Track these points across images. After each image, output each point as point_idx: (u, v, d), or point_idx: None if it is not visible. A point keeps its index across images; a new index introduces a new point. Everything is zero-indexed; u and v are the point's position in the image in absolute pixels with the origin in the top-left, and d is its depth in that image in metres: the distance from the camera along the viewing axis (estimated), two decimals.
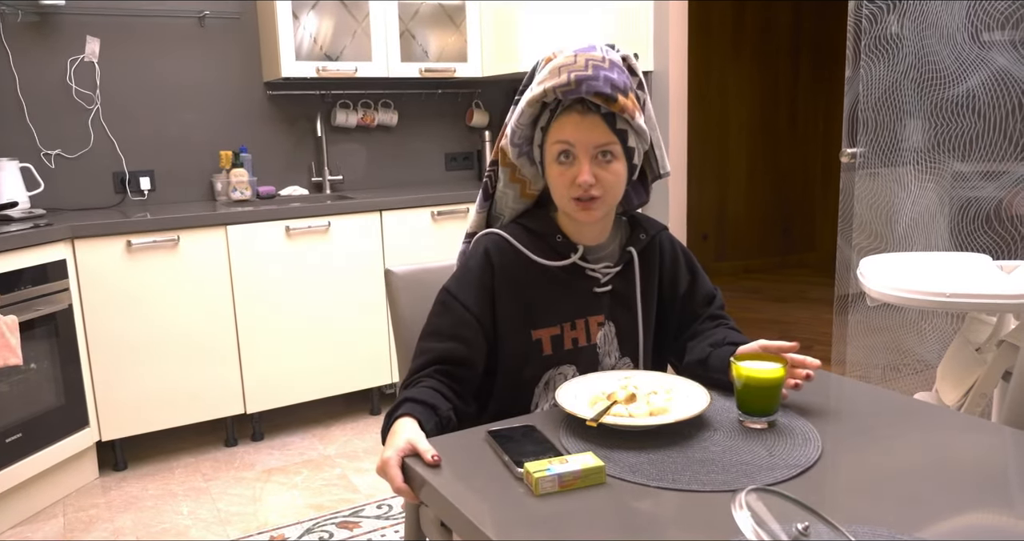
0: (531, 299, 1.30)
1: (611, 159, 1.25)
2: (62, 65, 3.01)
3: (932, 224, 2.74)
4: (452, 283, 1.30)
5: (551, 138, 1.26)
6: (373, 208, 3.05)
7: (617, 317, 1.34)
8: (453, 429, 1.19)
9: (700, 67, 5.60)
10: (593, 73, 1.21)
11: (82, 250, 2.58)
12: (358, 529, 2.32)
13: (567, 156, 1.25)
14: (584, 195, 1.24)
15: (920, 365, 2.90)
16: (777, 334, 4.34)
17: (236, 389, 2.89)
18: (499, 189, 1.36)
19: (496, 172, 1.36)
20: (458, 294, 1.28)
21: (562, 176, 1.26)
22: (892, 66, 2.75)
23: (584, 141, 1.23)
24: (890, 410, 1.20)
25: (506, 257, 1.30)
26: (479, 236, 1.34)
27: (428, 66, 3.36)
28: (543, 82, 1.24)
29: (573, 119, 1.24)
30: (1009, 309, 1.80)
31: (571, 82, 1.21)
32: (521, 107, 1.28)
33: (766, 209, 6.20)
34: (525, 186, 1.35)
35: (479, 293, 1.28)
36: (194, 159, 3.29)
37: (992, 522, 0.88)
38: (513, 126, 1.30)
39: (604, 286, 1.33)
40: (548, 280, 1.30)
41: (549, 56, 1.28)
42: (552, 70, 1.24)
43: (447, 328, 1.27)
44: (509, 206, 1.37)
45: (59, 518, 2.46)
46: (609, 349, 1.34)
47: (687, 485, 0.96)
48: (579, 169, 1.23)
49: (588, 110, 1.23)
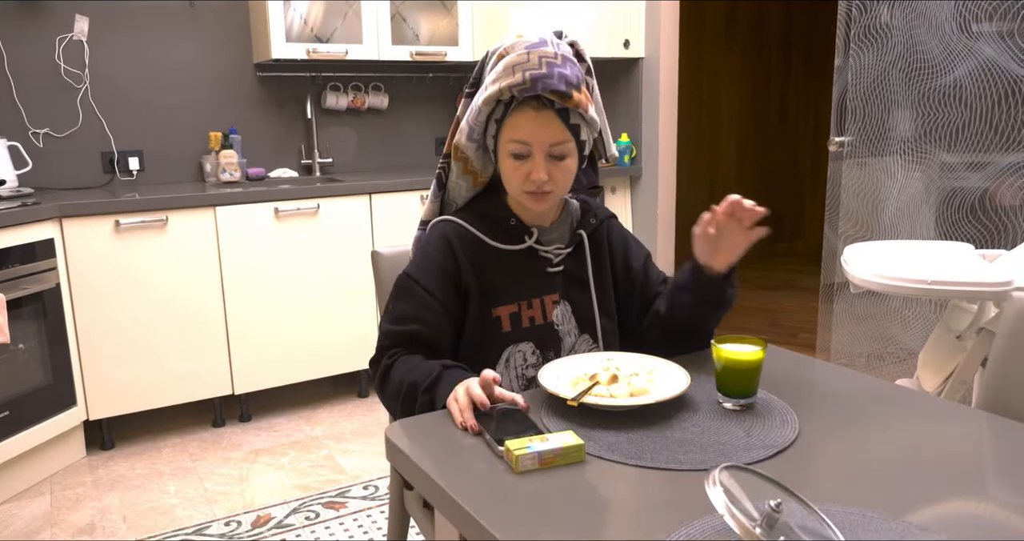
0: (489, 280, 1.33)
1: (564, 156, 1.28)
2: (51, 43, 2.99)
3: (918, 213, 2.77)
4: (412, 268, 1.33)
5: (506, 135, 1.28)
6: (362, 191, 3.05)
7: (572, 296, 1.38)
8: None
9: (692, 57, 5.60)
10: (548, 71, 1.22)
11: (70, 229, 2.58)
12: (344, 509, 2.33)
13: (522, 154, 1.27)
14: (537, 190, 1.28)
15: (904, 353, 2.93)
16: (764, 322, 4.38)
17: (224, 370, 2.90)
18: (452, 180, 1.39)
19: (449, 164, 1.39)
20: (419, 278, 1.31)
21: (516, 171, 1.29)
22: (881, 55, 2.76)
23: (540, 140, 1.26)
24: (869, 395, 1.22)
25: (464, 242, 1.33)
26: (435, 222, 1.37)
27: (419, 49, 3.36)
28: (497, 80, 1.25)
29: (528, 115, 1.25)
30: (988, 297, 1.82)
31: (526, 81, 1.22)
32: (477, 105, 1.28)
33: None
34: (476, 176, 1.39)
35: (440, 277, 1.31)
36: (183, 140, 3.28)
37: (964, 504, 0.90)
38: (471, 123, 1.31)
39: (556, 266, 1.37)
40: (503, 262, 1.34)
41: (501, 51, 1.29)
42: (506, 68, 1.25)
43: (411, 311, 1.30)
44: (462, 195, 1.41)
45: (46, 496, 2.47)
46: (568, 328, 1.38)
47: (664, 464, 0.98)
48: (534, 166, 1.27)
49: (543, 106, 1.25)
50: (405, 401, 1.23)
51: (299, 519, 2.28)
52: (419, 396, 1.21)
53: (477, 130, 1.31)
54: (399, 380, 1.25)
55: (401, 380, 1.24)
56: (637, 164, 3.73)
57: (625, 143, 3.68)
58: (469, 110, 1.32)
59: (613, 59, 3.61)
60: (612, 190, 3.73)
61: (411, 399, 1.22)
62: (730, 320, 4.43)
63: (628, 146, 3.68)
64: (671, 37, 3.59)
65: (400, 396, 1.23)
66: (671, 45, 3.59)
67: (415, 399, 1.21)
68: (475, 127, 1.31)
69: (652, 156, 3.67)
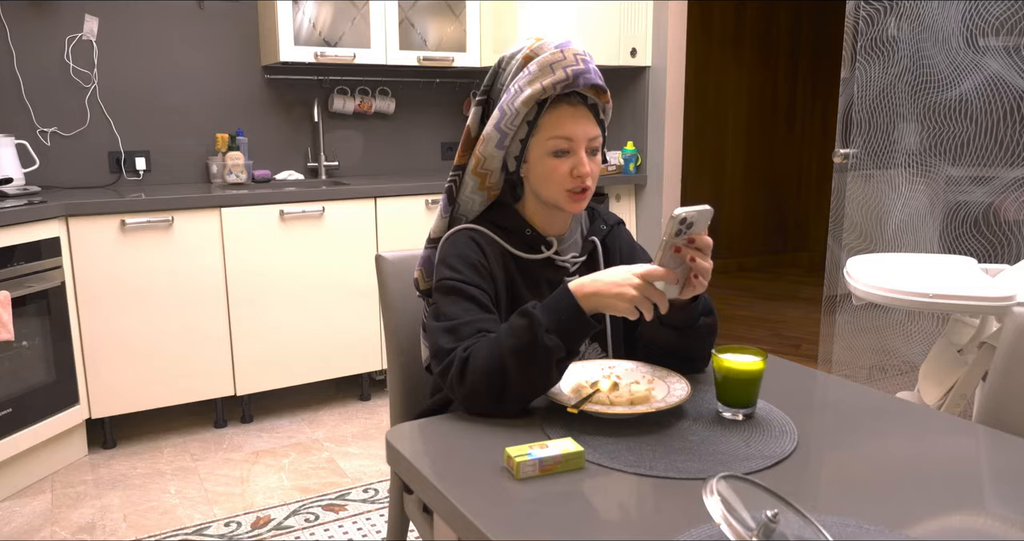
0: (512, 288, 1.33)
1: (597, 151, 1.32)
2: (60, 43, 3.01)
3: (922, 226, 2.77)
4: (450, 272, 1.27)
5: (546, 133, 1.28)
6: (368, 195, 3.06)
7: None
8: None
9: (699, 66, 5.62)
10: (585, 67, 1.25)
11: (76, 228, 2.59)
12: (343, 512, 2.34)
13: (565, 150, 1.28)
14: (580, 186, 1.29)
15: (906, 366, 2.93)
16: (767, 332, 4.38)
17: (226, 371, 2.91)
18: (465, 195, 1.36)
19: (460, 177, 1.36)
20: (463, 277, 1.26)
21: (557, 169, 1.28)
22: (887, 68, 2.77)
23: (581, 135, 1.28)
24: (868, 407, 1.23)
25: (492, 247, 1.32)
26: (457, 231, 1.33)
27: (427, 55, 3.37)
28: (536, 80, 1.25)
29: (568, 112, 1.27)
30: (990, 311, 1.82)
31: (569, 77, 1.24)
32: (515, 107, 1.26)
33: (761, 208, 6.23)
34: (490, 190, 1.37)
35: (480, 273, 1.28)
36: (190, 141, 3.30)
37: (961, 517, 0.90)
38: (503, 128, 1.28)
39: (572, 275, 1.37)
40: (523, 271, 1.34)
41: (526, 53, 1.29)
42: (542, 68, 1.25)
43: (464, 308, 1.23)
44: (474, 210, 1.38)
45: (47, 494, 2.47)
46: None
47: (663, 472, 0.98)
48: (577, 161, 1.28)
49: (577, 103, 1.27)
50: (526, 365, 1.10)
51: (299, 521, 2.28)
52: (540, 333, 1.09)
53: (510, 134, 1.29)
54: (490, 354, 1.12)
55: (493, 350, 1.12)
56: (642, 172, 3.73)
57: (631, 151, 3.69)
58: (499, 116, 1.28)
59: (620, 67, 3.63)
60: (617, 198, 3.74)
61: (533, 354, 1.09)
62: (733, 330, 4.43)
63: (634, 154, 3.69)
64: (678, 46, 3.60)
65: (512, 365, 1.10)
66: (678, 54, 3.60)
67: (539, 348, 1.09)
68: (508, 131, 1.28)
69: (657, 164, 3.67)
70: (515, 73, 1.30)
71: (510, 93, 1.28)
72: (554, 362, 1.11)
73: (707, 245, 1.16)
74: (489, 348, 1.13)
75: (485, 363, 1.12)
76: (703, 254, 1.16)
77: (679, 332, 1.28)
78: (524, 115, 1.27)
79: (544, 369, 1.11)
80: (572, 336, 1.13)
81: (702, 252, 1.15)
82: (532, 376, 1.11)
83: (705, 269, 1.16)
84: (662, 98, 3.62)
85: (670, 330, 1.28)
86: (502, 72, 1.34)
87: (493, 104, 1.35)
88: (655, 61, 3.63)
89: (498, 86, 1.34)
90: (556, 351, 1.11)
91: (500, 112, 1.28)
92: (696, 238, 1.15)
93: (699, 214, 1.12)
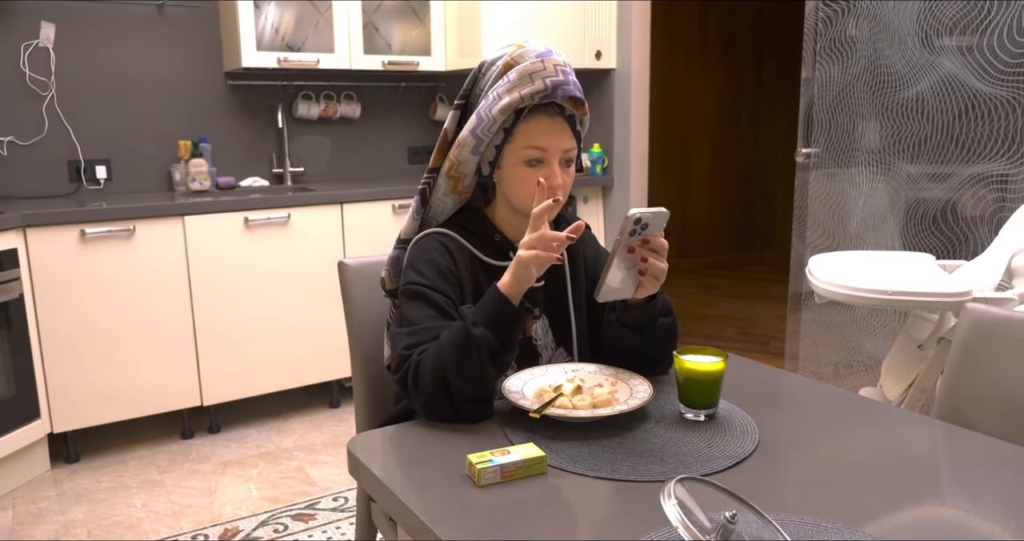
0: (477, 294, 1.32)
1: (571, 162, 1.32)
2: (15, 50, 2.95)
3: (883, 224, 2.81)
4: (417, 277, 1.27)
5: (521, 142, 1.28)
6: (334, 200, 3.04)
7: (550, 310, 1.38)
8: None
9: (664, 67, 5.65)
10: (564, 78, 1.26)
11: (34, 239, 2.54)
12: (313, 521, 2.32)
13: (538, 160, 1.28)
14: (550, 197, 1.27)
15: (871, 361, 2.97)
16: (735, 330, 4.42)
17: (193, 381, 2.87)
18: (437, 197, 1.37)
19: (434, 180, 1.36)
20: (428, 282, 1.26)
21: (530, 178, 1.28)
22: (847, 68, 2.81)
23: (555, 147, 1.28)
24: (828, 405, 1.24)
25: (460, 252, 1.32)
26: (426, 235, 1.34)
27: (391, 59, 3.36)
28: (514, 89, 1.25)
29: (544, 122, 1.27)
30: (947, 307, 1.86)
31: (547, 87, 1.24)
32: (492, 115, 1.26)
33: (728, 207, 6.28)
34: (462, 194, 1.37)
35: (447, 279, 1.28)
36: (152, 149, 3.25)
37: (919, 512, 0.92)
38: (479, 134, 1.28)
39: (538, 282, 1.36)
40: (491, 277, 1.33)
41: (506, 61, 1.29)
42: (522, 77, 1.25)
43: (426, 315, 1.24)
44: (445, 213, 1.39)
45: (8, 511, 2.42)
46: (546, 342, 1.37)
47: (624, 475, 0.98)
48: (550, 172, 1.28)
49: (555, 113, 1.27)
50: (459, 361, 1.13)
51: (267, 532, 2.26)
52: (468, 326, 1.13)
53: (486, 141, 1.29)
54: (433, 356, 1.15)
55: (435, 352, 1.15)
56: (609, 174, 3.75)
57: (597, 153, 3.70)
58: (476, 122, 1.28)
59: (585, 70, 3.64)
60: (584, 199, 3.75)
61: (464, 348, 1.12)
62: (701, 328, 4.47)
63: (600, 156, 3.70)
64: (643, 47, 3.62)
65: (449, 364, 1.13)
66: (643, 55, 3.63)
67: (469, 342, 1.12)
68: (484, 138, 1.28)
69: (624, 166, 3.69)
70: (495, 79, 1.30)
71: (488, 99, 1.28)
72: (487, 355, 1.13)
73: (662, 247, 1.17)
74: (433, 351, 1.16)
75: (430, 365, 1.15)
76: (658, 255, 1.18)
77: (639, 332, 1.29)
78: (501, 122, 1.27)
79: (478, 363, 1.13)
80: (501, 326, 1.14)
81: (657, 253, 1.18)
82: (468, 372, 1.13)
83: (659, 270, 1.18)
84: (627, 100, 3.64)
85: (630, 330, 1.30)
86: (482, 77, 1.33)
87: (471, 108, 1.34)
88: (620, 63, 3.65)
89: (477, 91, 1.34)
90: (486, 341, 1.12)
91: (477, 118, 1.28)
92: (651, 239, 1.16)
93: (654, 215, 1.13)
